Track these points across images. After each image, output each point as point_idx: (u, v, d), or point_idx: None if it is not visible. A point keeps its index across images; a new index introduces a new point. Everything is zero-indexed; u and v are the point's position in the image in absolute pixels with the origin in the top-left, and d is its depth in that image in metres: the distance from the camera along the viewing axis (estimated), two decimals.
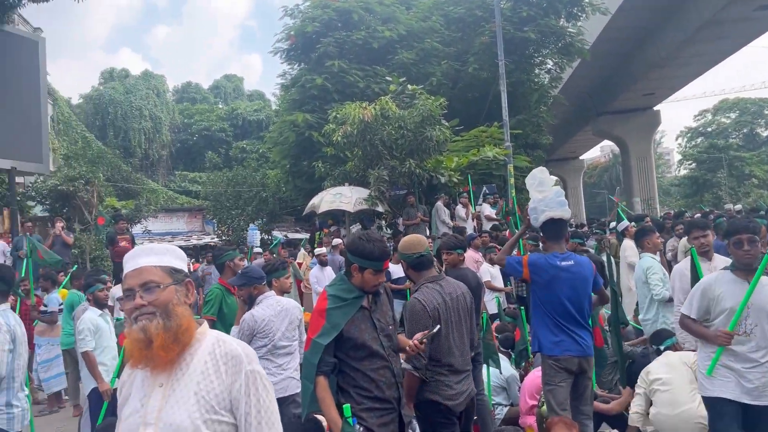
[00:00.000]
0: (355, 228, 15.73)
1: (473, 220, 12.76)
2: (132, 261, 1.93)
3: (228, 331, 5.30)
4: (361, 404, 3.04)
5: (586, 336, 4.31)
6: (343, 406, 2.87)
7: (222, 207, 22.55)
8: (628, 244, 8.13)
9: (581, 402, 4.35)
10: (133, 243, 11.27)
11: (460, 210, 12.65)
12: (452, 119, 14.88)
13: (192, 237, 27.91)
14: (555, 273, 4.25)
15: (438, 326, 3.39)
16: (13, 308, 5.68)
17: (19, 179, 15.91)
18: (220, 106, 42.38)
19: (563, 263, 4.29)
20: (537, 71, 21.87)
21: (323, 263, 10.34)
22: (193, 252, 24.21)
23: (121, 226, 11.47)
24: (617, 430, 5.16)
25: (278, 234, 21.41)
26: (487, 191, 13.95)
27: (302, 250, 13.71)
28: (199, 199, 29.53)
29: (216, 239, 23.96)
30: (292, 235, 22.71)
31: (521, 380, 5.84)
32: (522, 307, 6.58)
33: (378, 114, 12.62)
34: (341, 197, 13.57)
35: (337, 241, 11.74)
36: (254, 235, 13.09)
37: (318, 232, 16.37)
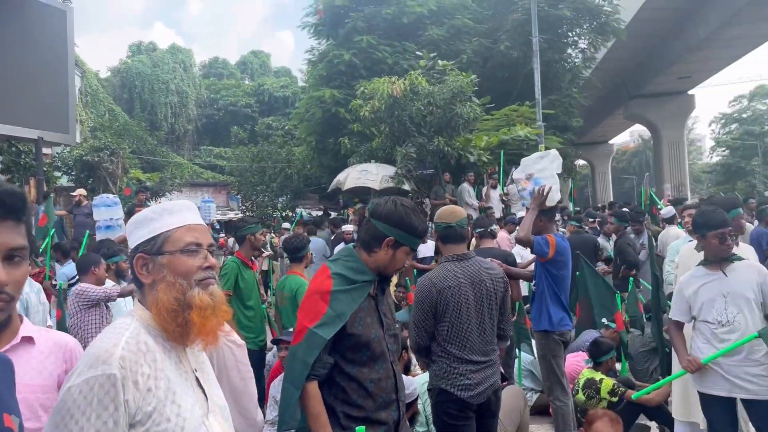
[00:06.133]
0: None
1: (501, 202, 12.45)
2: (192, 213, 1.64)
3: (245, 307, 5.09)
4: (347, 429, 2.34)
5: None
6: (357, 429, 2.21)
7: (247, 183, 22.47)
8: (675, 231, 7.72)
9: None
10: None
11: (491, 191, 12.34)
12: (482, 97, 14.49)
13: (216, 212, 27.97)
14: (567, 254, 4.58)
15: None
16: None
17: (46, 150, 15.91)
18: (247, 82, 42.29)
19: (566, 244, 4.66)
20: (570, 51, 21.23)
21: (347, 242, 10.13)
22: (220, 227, 24.27)
23: (140, 197, 11.38)
24: (656, 421, 4.91)
25: (303, 212, 21.29)
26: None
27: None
28: (224, 174, 29.54)
29: (240, 215, 23.91)
30: (316, 213, 22.56)
31: None
32: None
33: (407, 89, 12.30)
34: (367, 174, 13.32)
35: (348, 228, 10.87)
36: (208, 209, 12.06)
37: (343, 210, 16.16)
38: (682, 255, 4.73)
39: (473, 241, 6.68)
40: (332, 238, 11.32)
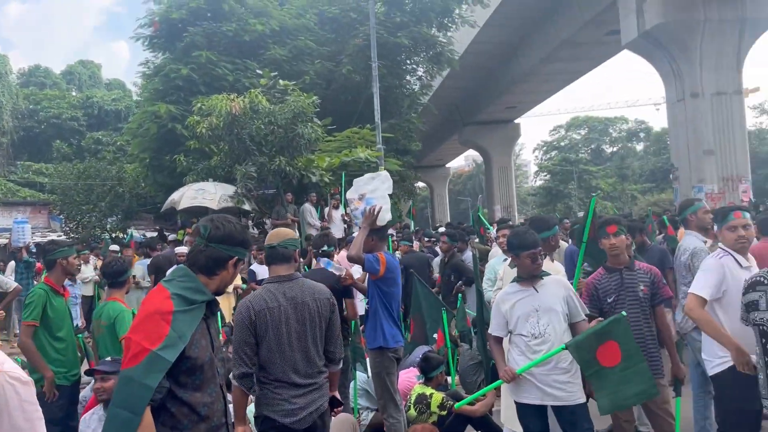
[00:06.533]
0: None
1: (343, 222, 12.57)
2: None
3: (54, 338, 4.63)
4: None
5: None
6: None
7: (71, 202, 20.66)
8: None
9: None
10: None
11: (333, 211, 12.42)
12: (324, 119, 14.62)
13: (35, 233, 25.36)
14: (397, 271, 4.74)
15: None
16: None
17: None
18: (74, 94, 39.18)
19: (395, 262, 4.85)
20: (408, 78, 22.21)
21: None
22: (37, 250, 22.00)
23: None
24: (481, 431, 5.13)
25: (135, 233, 19.97)
26: None
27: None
28: (45, 192, 26.96)
29: (63, 236, 21.90)
30: (151, 234, 21.28)
31: None
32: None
33: (247, 107, 12.09)
34: (204, 193, 12.81)
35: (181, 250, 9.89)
36: (22, 231, 10.64)
37: (180, 231, 15.44)
38: (507, 273, 5.05)
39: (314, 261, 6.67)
40: (149, 263, 10.45)
